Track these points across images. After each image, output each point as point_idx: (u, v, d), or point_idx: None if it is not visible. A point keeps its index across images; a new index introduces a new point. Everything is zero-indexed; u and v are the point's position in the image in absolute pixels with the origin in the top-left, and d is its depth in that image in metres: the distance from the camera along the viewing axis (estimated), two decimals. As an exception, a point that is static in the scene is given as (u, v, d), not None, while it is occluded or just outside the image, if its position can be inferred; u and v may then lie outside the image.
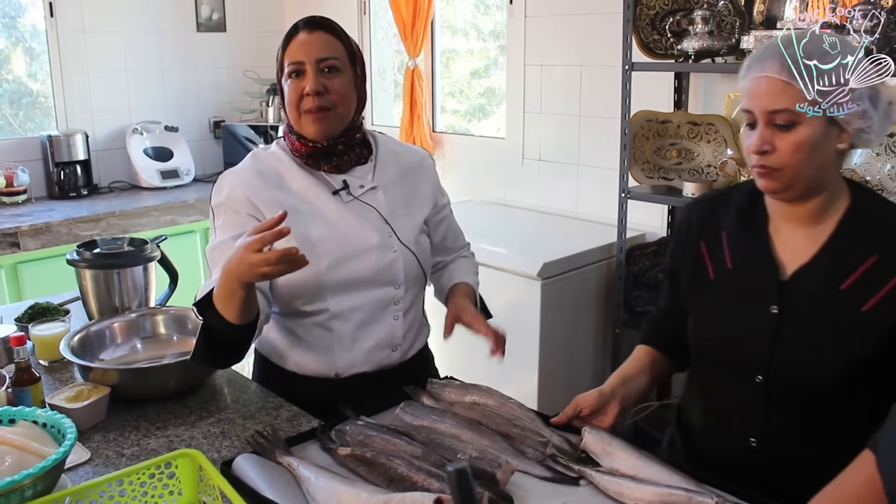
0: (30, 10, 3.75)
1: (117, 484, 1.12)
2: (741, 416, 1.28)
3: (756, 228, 1.29)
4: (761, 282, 1.26)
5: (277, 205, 1.46)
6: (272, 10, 4.43)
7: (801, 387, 1.22)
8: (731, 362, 1.28)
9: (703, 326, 1.34)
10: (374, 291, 1.51)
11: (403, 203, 1.57)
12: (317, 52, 1.44)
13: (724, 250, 1.31)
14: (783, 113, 1.15)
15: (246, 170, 1.52)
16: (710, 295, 1.32)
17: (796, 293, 1.22)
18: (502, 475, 1.14)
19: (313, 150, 1.50)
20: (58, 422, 1.21)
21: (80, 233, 3.26)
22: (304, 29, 1.46)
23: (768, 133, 1.17)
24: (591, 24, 3.01)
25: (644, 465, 1.19)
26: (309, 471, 1.19)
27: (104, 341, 1.72)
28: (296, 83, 1.45)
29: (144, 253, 1.88)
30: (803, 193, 1.21)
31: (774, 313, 1.23)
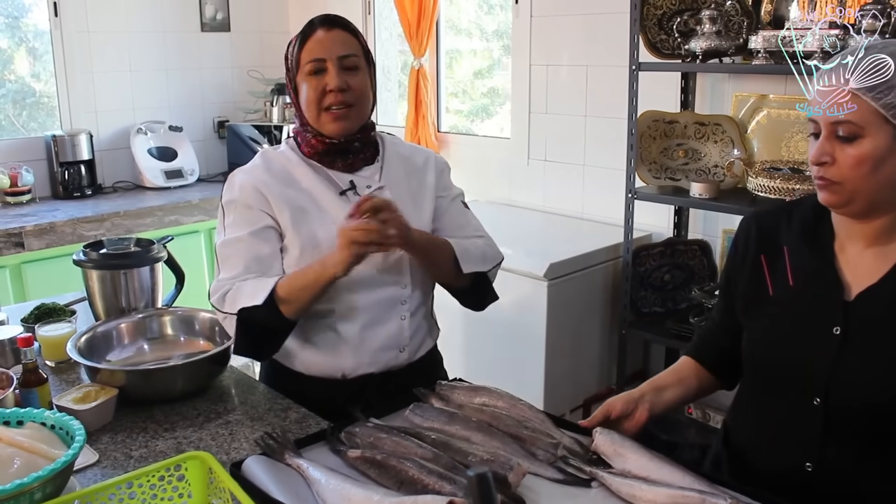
0: (33, 11, 3.75)
1: (127, 486, 1.11)
2: (797, 440, 1.22)
3: (820, 245, 1.24)
4: (824, 301, 1.20)
5: (288, 203, 1.49)
6: (276, 10, 4.43)
7: (861, 412, 1.16)
8: (789, 383, 1.22)
9: (760, 344, 1.28)
10: (380, 291, 1.51)
11: (410, 202, 1.56)
12: (338, 50, 1.45)
13: (785, 266, 1.25)
14: (845, 125, 1.10)
15: (256, 167, 1.54)
16: (769, 312, 1.26)
17: (861, 315, 1.17)
18: (514, 477, 1.14)
19: (330, 147, 1.51)
20: (66, 423, 1.21)
21: (85, 233, 3.26)
22: (322, 27, 1.47)
23: (829, 144, 1.13)
24: (598, 23, 3.01)
25: (656, 466, 1.18)
26: (319, 473, 1.18)
27: (111, 342, 1.71)
28: (317, 80, 1.46)
29: (151, 253, 1.87)
30: (868, 210, 1.16)
31: (836, 335, 1.18)
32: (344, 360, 1.52)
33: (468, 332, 2.82)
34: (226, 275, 1.44)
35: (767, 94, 2.53)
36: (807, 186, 2.13)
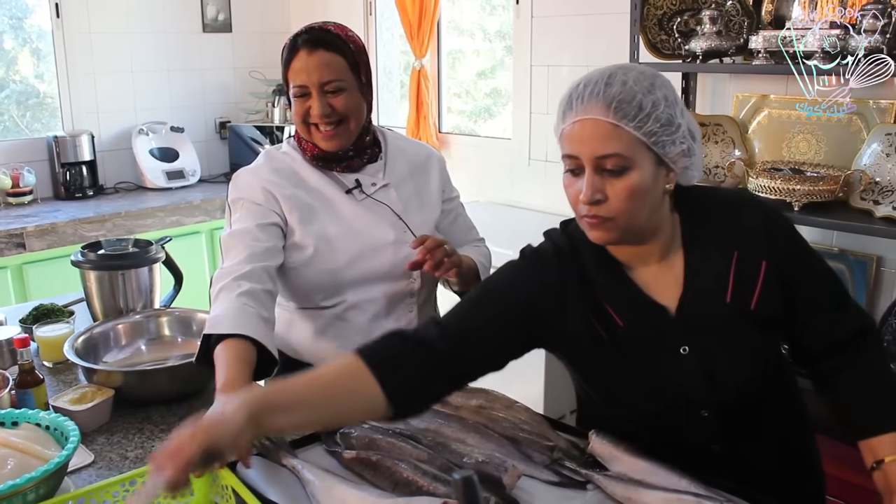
0: (36, 11, 3.76)
1: (130, 484, 1.11)
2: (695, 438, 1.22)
3: (620, 277, 1.20)
4: (657, 328, 1.18)
5: (297, 202, 1.50)
6: (278, 11, 4.43)
7: (745, 401, 1.20)
8: (669, 414, 1.21)
9: (624, 392, 1.22)
10: (391, 285, 1.54)
11: (416, 199, 1.60)
12: (319, 76, 1.45)
13: (606, 308, 1.19)
14: (613, 157, 1.08)
15: (262, 167, 1.55)
16: (616, 359, 1.20)
17: (694, 325, 1.17)
18: (508, 480, 1.13)
19: (325, 155, 1.54)
20: (61, 424, 1.21)
21: (86, 233, 3.26)
22: (305, 48, 1.46)
23: (598, 180, 1.09)
24: (598, 24, 3.00)
25: (651, 469, 1.18)
26: (313, 474, 1.18)
27: (108, 343, 1.71)
28: (301, 103, 1.48)
29: (149, 254, 1.87)
30: (637, 239, 1.16)
31: (685, 353, 1.18)
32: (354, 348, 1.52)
33: None
34: (229, 262, 1.43)
35: (768, 95, 2.52)
36: (807, 187, 2.12)
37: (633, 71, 1.10)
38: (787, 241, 1.21)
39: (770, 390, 1.24)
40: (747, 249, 1.18)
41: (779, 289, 1.18)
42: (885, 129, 2.16)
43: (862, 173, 2.15)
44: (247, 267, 1.40)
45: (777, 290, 1.18)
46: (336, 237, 1.50)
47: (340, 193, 1.54)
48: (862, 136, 2.24)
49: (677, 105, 1.11)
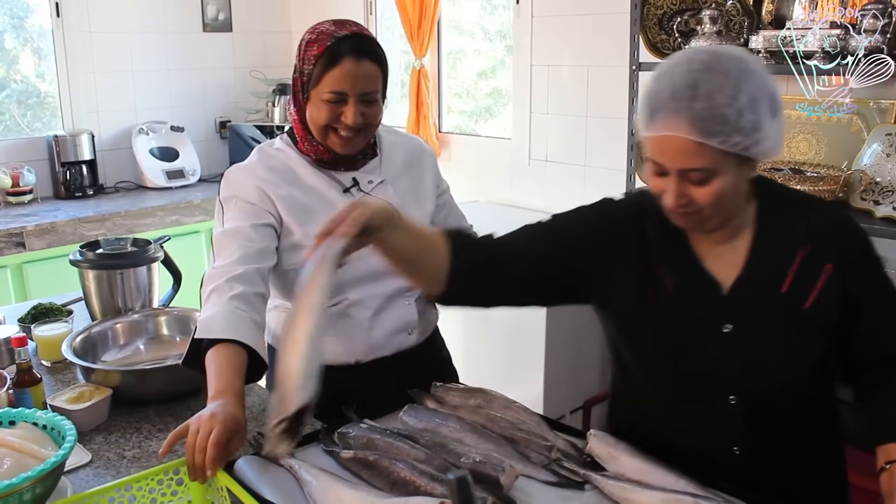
0: (37, 11, 3.76)
1: (126, 490, 1.11)
2: (719, 431, 1.23)
3: (682, 246, 1.23)
4: (705, 302, 1.20)
5: (293, 203, 1.48)
6: (278, 11, 4.43)
7: (776, 395, 1.20)
8: (700, 389, 1.22)
9: (656, 357, 1.25)
10: (391, 281, 1.53)
11: (412, 194, 1.59)
12: (362, 86, 1.43)
13: (660, 273, 1.23)
14: (698, 171, 1.09)
15: (255, 165, 1.52)
16: (658, 324, 1.23)
17: (742, 306, 1.18)
18: (506, 479, 1.13)
19: (333, 157, 1.52)
20: (58, 424, 1.21)
21: (86, 233, 3.26)
22: (351, 56, 1.41)
23: (682, 187, 1.11)
24: (598, 23, 3.00)
25: (650, 469, 1.18)
26: (311, 474, 1.18)
27: (107, 342, 1.71)
28: (332, 108, 1.44)
29: (147, 253, 1.87)
30: (719, 227, 1.18)
31: (727, 332, 1.19)
32: (357, 345, 1.53)
33: (468, 334, 2.81)
34: (221, 262, 1.40)
35: (769, 95, 2.51)
36: (807, 187, 2.12)
37: (719, 74, 1.07)
38: (857, 249, 1.20)
39: (806, 399, 1.22)
40: (814, 249, 1.18)
41: (839, 296, 1.17)
42: (886, 129, 2.16)
43: (862, 173, 2.15)
44: (240, 268, 1.38)
45: (836, 296, 1.17)
46: None
47: (338, 193, 1.52)
48: (862, 136, 2.24)
49: (762, 100, 1.08)
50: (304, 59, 1.45)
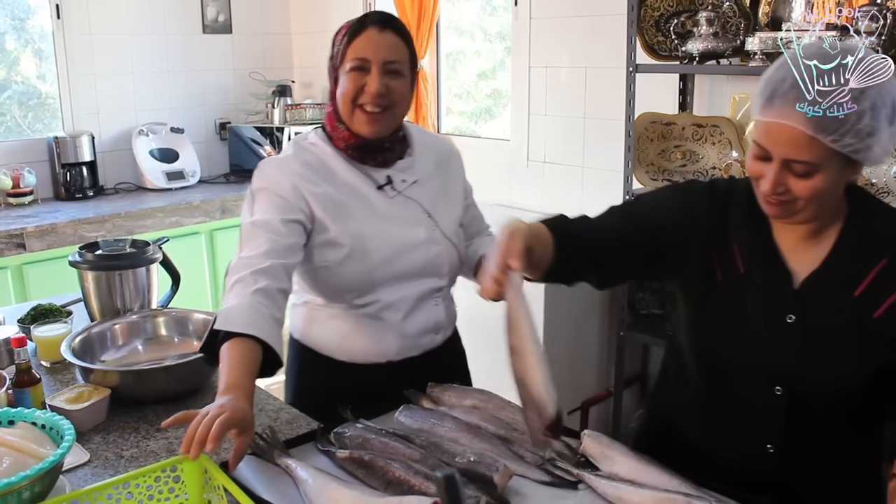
0: (38, 12, 3.77)
1: (123, 487, 1.12)
2: (757, 425, 1.23)
3: (762, 232, 1.23)
4: (774, 290, 1.20)
5: (328, 200, 1.48)
6: (278, 12, 4.44)
7: (822, 396, 1.18)
8: (748, 374, 1.22)
9: (715, 335, 1.26)
10: (421, 282, 1.54)
11: (442, 195, 1.60)
12: (384, 54, 1.43)
13: (734, 253, 1.24)
14: (803, 164, 1.08)
15: (291, 160, 1.51)
16: (721, 302, 1.25)
17: (811, 302, 1.18)
18: (500, 479, 1.14)
19: (361, 144, 1.51)
20: (56, 423, 1.22)
21: (86, 234, 3.27)
22: (375, 26, 1.44)
23: (782, 176, 1.11)
24: (596, 25, 3.01)
25: (643, 469, 1.19)
26: (307, 473, 1.19)
27: (105, 343, 1.72)
28: (357, 77, 1.44)
29: (146, 255, 1.88)
30: (808, 221, 1.17)
31: (790, 323, 1.18)
32: (389, 346, 1.54)
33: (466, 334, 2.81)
34: (248, 253, 1.39)
35: (765, 96, 2.52)
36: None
37: (856, 61, 1.05)
38: None
39: (852, 405, 1.20)
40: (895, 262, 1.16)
41: None
42: (881, 130, 2.16)
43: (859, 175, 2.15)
44: (266, 262, 1.36)
45: None
46: (371, 236, 1.48)
47: (372, 190, 1.52)
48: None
49: (883, 107, 1.06)
50: (334, 43, 1.48)
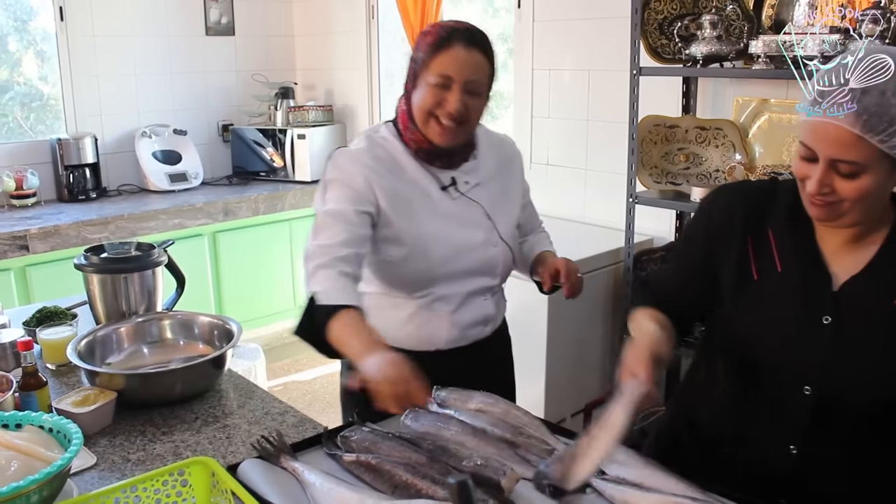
0: (41, 14, 3.77)
1: (131, 490, 1.12)
2: (783, 425, 1.22)
3: (805, 233, 1.22)
4: (812, 290, 1.19)
5: (395, 194, 1.52)
6: (281, 14, 4.44)
7: (851, 400, 1.17)
8: (776, 372, 1.21)
9: (744, 331, 1.25)
10: (475, 280, 1.60)
11: (501, 197, 1.64)
12: (468, 73, 1.46)
13: (772, 251, 1.23)
14: (849, 164, 1.07)
15: (363, 152, 1.54)
16: (754, 298, 1.24)
17: (849, 305, 1.16)
18: (507, 483, 1.14)
19: (433, 149, 1.54)
20: (64, 427, 1.22)
21: (89, 236, 3.28)
22: (461, 43, 1.46)
23: (828, 176, 1.09)
24: (599, 28, 3.01)
25: (650, 473, 1.19)
26: (314, 476, 1.19)
27: (111, 346, 1.72)
28: (437, 92, 1.47)
29: (151, 257, 1.88)
30: (853, 224, 1.16)
31: (826, 324, 1.17)
32: (439, 336, 1.59)
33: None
34: (325, 241, 1.44)
35: (769, 99, 2.52)
36: (807, 191, 2.12)
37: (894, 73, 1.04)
38: None
39: (881, 413, 1.18)
40: None
41: None
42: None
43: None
44: (345, 250, 1.42)
45: None
46: (432, 236, 1.53)
47: (437, 189, 1.56)
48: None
49: None
50: (418, 47, 1.50)
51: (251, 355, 3.40)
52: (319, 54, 4.41)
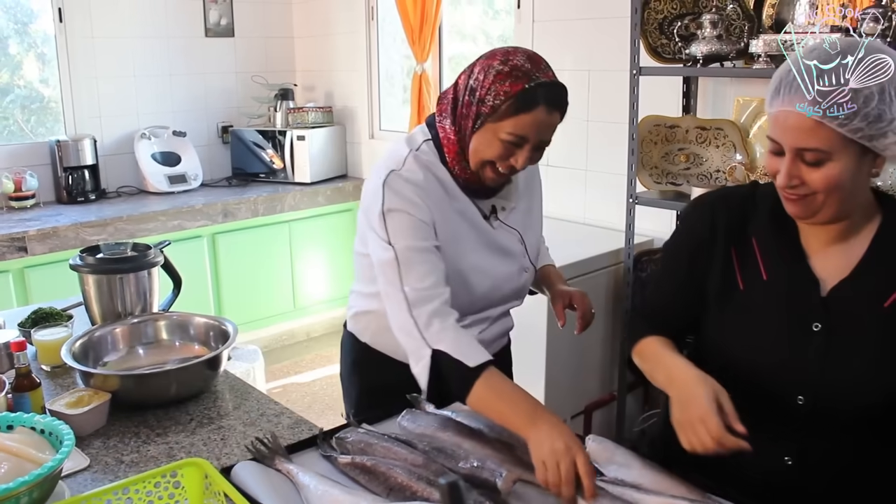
0: (41, 16, 3.77)
1: (123, 492, 1.11)
2: (776, 436, 1.20)
3: (789, 239, 1.21)
4: (799, 297, 1.18)
5: (446, 226, 1.44)
6: (280, 16, 4.44)
7: (845, 407, 1.15)
8: (770, 382, 1.19)
9: (733, 342, 1.23)
10: (507, 305, 1.62)
11: (528, 217, 1.61)
12: (544, 135, 1.39)
13: (756, 259, 1.22)
14: (813, 152, 1.07)
15: (423, 181, 1.43)
16: (741, 308, 1.23)
17: (838, 310, 1.15)
18: (504, 485, 1.12)
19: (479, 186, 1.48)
20: (56, 428, 1.21)
21: (88, 237, 3.27)
22: (546, 105, 1.35)
23: (795, 168, 1.09)
24: (599, 28, 3.00)
25: (648, 474, 1.17)
26: (308, 478, 1.18)
27: (106, 347, 1.71)
28: (508, 148, 1.38)
29: (147, 258, 1.87)
30: (832, 219, 1.15)
31: (817, 331, 1.16)
32: None
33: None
34: (429, 284, 1.35)
35: (769, 99, 2.51)
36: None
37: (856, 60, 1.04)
38: None
39: (877, 420, 1.17)
40: None
41: None
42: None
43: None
44: (446, 292, 1.36)
45: None
46: (474, 269, 1.48)
47: (480, 219, 1.50)
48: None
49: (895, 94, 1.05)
50: (492, 89, 1.35)
51: (250, 357, 3.39)
52: (319, 56, 4.41)
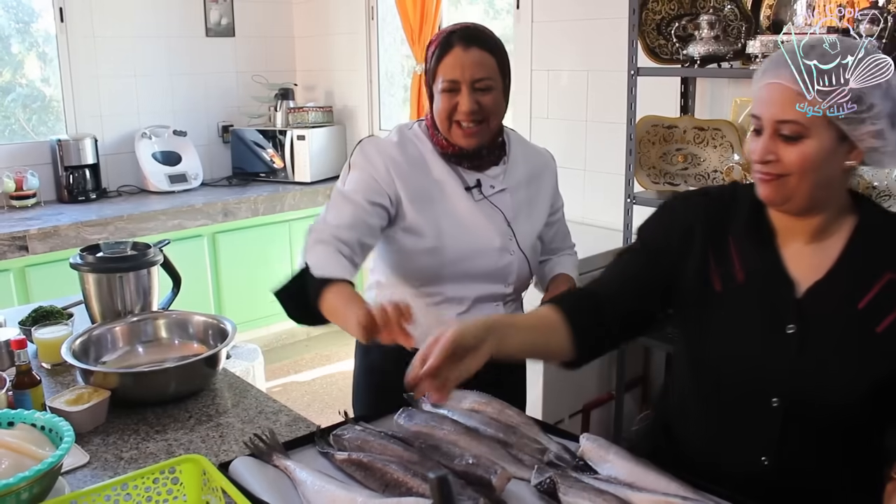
0: (42, 16, 3.79)
1: (122, 488, 1.12)
2: (753, 437, 1.21)
3: (765, 240, 1.22)
4: (774, 299, 1.18)
5: (417, 192, 1.53)
6: (281, 16, 4.45)
7: (820, 409, 1.16)
8: (743, 383, 1.20)
9: (708, 343, 1.24)
10: (487, 286, 1.59)
11: (526, 207, 1.63)
12: (472, 72, 1.47)
13: (732, 260, 1.23)
14: (791, 124, 1.09)
15: (392, 145, 1.57)
16: (716, 309, 1.23)
17: (812, 312, 1.16)
18: (498, 482, 1.13)
19: (460, 152, 1.56)
20: (56, 425, 1.22)
21: (89, 236, 3.28)
22: (460, 44, 1.48)
23: (772, 143, 1.12)
24: (598, 29, 3.01)
25: (641, 472, 1.18)
26: (305, 474, 1.19)
27: (106, 345, 1.73)
28: (449, 97, 1.49)
29: (147, 257, 1.88)
30: (805, 208, 1.15)
31: (791, 333, 1.17)
32: None
33: None
34: (333, 220, 1.47)
35: (767, 99, 2.52)
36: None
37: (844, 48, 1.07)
38: None
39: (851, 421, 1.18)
40: None
41: None
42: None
43: (860, 178, 2.15)
44: (347, 233, 1.44)
45: None
46: (447, 232, 1.53)
47: (460, 189, 1.56)
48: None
49: (880, 87, 1.07)
50: (427, 57, 1.53)
51: (250, 356, 3.40)
52: (319, 55, 4.42)
